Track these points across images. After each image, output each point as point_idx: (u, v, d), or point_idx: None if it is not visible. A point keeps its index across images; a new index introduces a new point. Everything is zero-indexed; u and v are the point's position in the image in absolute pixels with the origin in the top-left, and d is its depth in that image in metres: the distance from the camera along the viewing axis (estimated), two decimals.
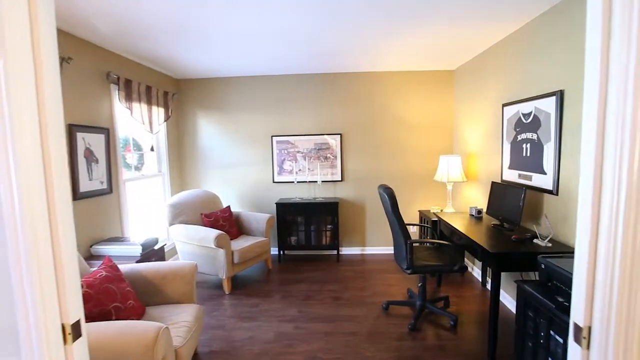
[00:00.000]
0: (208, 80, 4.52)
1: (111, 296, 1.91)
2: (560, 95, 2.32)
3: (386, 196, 2.65)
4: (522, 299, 2.02)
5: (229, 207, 4.08)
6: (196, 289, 2.37)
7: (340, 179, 4.54)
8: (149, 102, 3.63)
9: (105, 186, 3.03)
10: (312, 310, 3.07)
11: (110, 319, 1.84)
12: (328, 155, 4.53)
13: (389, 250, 4.61)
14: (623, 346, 0.91)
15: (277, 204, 4.26)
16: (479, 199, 3.66)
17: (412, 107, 4.41)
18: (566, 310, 1.67)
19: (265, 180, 4.64)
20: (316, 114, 4.50)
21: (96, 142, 2.92)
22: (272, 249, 4.64)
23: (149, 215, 3.93)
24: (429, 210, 4.13)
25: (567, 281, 1.77)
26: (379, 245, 4.64)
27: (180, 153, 4.63)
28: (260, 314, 3.01)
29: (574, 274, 1.01)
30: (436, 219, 3.57)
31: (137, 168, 3.78)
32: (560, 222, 2.39)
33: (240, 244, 3.65)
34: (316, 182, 4.54)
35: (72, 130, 2.65)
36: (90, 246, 2.80)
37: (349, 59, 3.76)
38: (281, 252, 4.44)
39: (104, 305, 1.86)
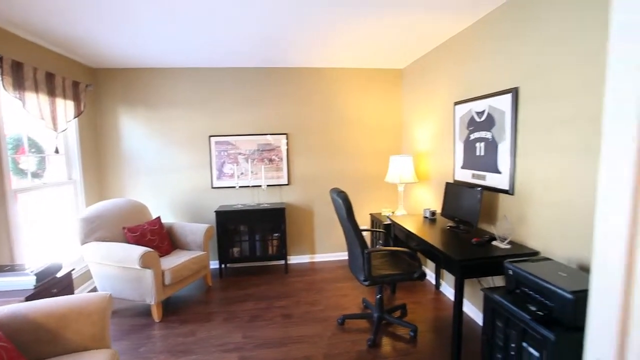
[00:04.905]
0: (134, 70, 3.89)
1: None
2: (515, 93, 2.26)
3: (340, 201, 2.39)
4: (490, 308, 1.88)
5: (159, 218, 3.51)
6: (115, 322, 1.86)
7: (286, 183, 4.21)
8: (52, 94, 2.95)
9: None
10: (260, 333, 2.69)
11: None
12: (273, 157, 4.17)
13: (340, 256, 4.39)
14: None
15: (216, 212, 3.79)
16: (432, 200, 3.59)
17: (361, 106, 4.25)
18: (543, 322, 1.54)
19: (202, 186, 4.12)
20: (260, 113, 4.11)
21: None
22: (211, 263, 4.14)
23: (54, 233, 3.21)
24: (381, 213, 3.98)
25: (537, 287, 1.65)
26: (329, 252, 4.39)
27: (99, 156, 3.92)
28: (197, 345, 2.55)
29: (592, 299, 0.81)
30: (389, 222, 3.41)
31: (35, 175, 3.05)
32: (516, 222, 2.34)
33: (172, 261, 3.12)
34: (260, 186, 4.15)
35: None
36: None
37: (294, 51, 3.45)
38: (223, 266, 3.96)
39: None
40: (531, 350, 1.60)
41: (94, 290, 3.44)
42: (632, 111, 0.70)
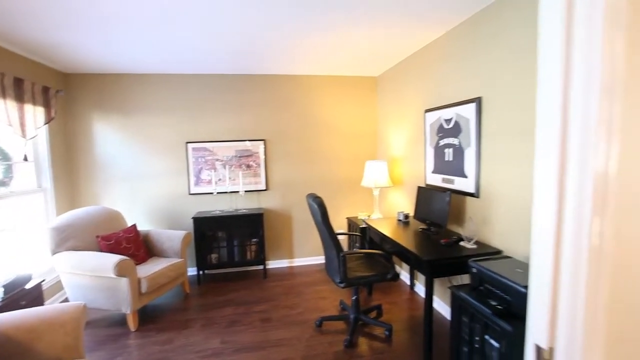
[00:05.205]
0: (108, 76, 3.83)
1: None
2: (478, 102, 2.42)
3: (316, 206, 2.46)
4: (456, 305, 2.00)
5: (134, 225, 3.47)
6: (89, 333, 1.85)
7: (264, 188, 4.25)
8: (20, 99, 2.88)
9: None
10: (239, 338, 2.71)
11: None
12: (251, 163, 4.20)
13: (318, 260, 4.45)
14: None
15: (194, 218, 3.77)
16: (406, 204, 3.72)
17: (337, 113, 4.35)
18: (502, 315, 1.66)
19: (179, 193, 4.09)
20: (237, 119, 4.14)
21: None
22: (189, 270, 4.11)
23: (23, 243, 3.11)
24: (357, 217, 4.09)
25: (498, 284, 1.78)
26: (307, 255, 4.45)
27: (71, 164, 3.83)
28: (174, 352, 2.54)
29: (530, 290, 0.91)
30: (365, 225, 3.51)
31: (2, 183, 2.96)
32: (481, 223, 2.48)
33: (149, 268, 3.09)
34: (238, 192, 4.17)
35: None
36: None
37: (271, 59, 3.51)
38: (201, 273, 3.94)
39: None
40: (492, 341, 1.72)
41: (66, 301, 3.35)
42: (556, 123, 0.81)
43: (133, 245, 3.29)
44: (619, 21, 0.73)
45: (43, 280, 2.60)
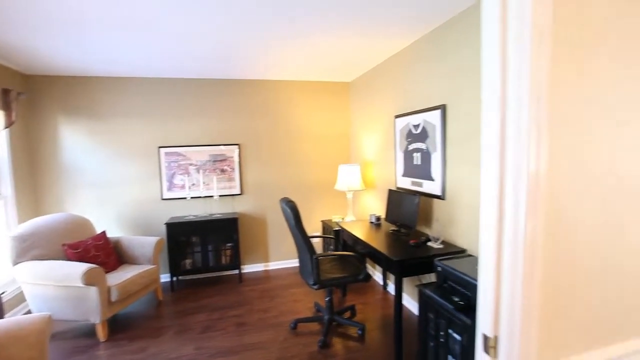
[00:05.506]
0: (74, 79, 3.71)
1: None
2: (443, 109, 2.55)
3: (289, 210, 2.51)
4: (423, 302, 2.10)
5: (104, 232, 3.38)
6: (55, 345, 1.80)
7: (239, 193, 4.24)
8: None
9: None
10: (213, 343, 2.70)
11: None
12: (225, 167, 4.19)
13: (294, 263, 4.49)
14: (525, 352, 0.93)
15: (167, 224, 3.72)
16: (378, 206, 3.83)
17: (311, 117, 4.42)
18: (463, 310, 1.77)
19: (152, 198, 4.02)
20: (211, 123, 4.12)
21: None
22: (162, 276, 4.04)
23: None
24: (331, 220, 4.16)
25: (460, 281, 1.89)
26: (283, 259, 4.47)
27: (34, 170, 3.67)
28: None
29: (480, 287, 1.00)
30: (338, 228, 3.59)
31: None
32: (447, 224, 2.61)
33: (119, 276, 3.02)
34: (213, 197, 4.14)
35: None
36: None
37: (244, 65, 3.53)
38: (174, 279, 3.88)
39: None
40: (455, 335, 1.82)
41: (28, 313, 3.20)
42: (496, 128, 0.90)
43: (102, 253, 3.20)
44: (543, 40, 0.84)
45: (3, 292, 2.49)
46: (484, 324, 0.98)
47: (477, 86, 2.21)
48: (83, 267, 2.66)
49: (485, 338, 0.98)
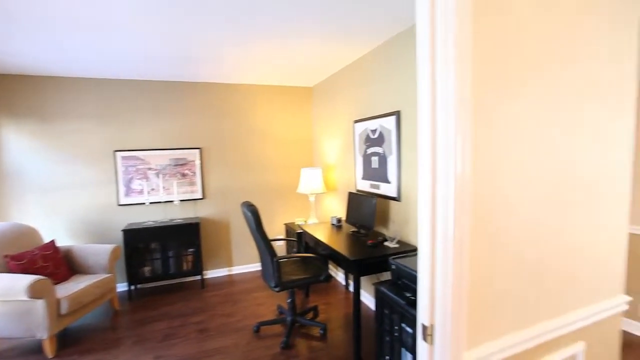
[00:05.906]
0: (18, 78, 3.48)
1: None
2: (398, 115, 2.70)
3: (249, 214, 2.53)
4: (379, 299, 2.21)
5: (53, 242, 3.19)
6: None
7: (201, 197, 4.17)
8: None
9: None
10: (173, 351, 2.65)
11: None
12: (186, 171, 4.11)
13: (258, 266, 4.48)
14: (456, 338, 1.04)
15: (124, 230, 3.58)
16: (339, 208, 3.94)
17: (274, 121, 4.45)
18: (413, 304, 1.89)
19: (108, 204, 3.85)
20: (171, 127, 4.03)
21: None
22: (119, 285, 3.88)
23: None
24: (294, 222, 4.21)
25: (412, 278, 2.02)
26: (247, 263, 4.45)
27: None
28: None
29: (419, 281, 1.10)
30: (300, 231, 3.65)
31: None
32: (403, 224, 2.76)
33: (70, 287, 2.88)
34: (173, 202, 4.04)
35: None
36: None
37: (205, 68, 3.50)
38: (132, 288, 3.75)
39: None
40: (407, 329, 1.94)
41: None
42: (427, 135, 1.00)
43: (51, 264, 3.03)
44: (465, 59, 0.95)
45: None
46: (422, 314, 1.08)
47: None
48: (28, 279, 2.51)
49: (424, 327, 1.08)
